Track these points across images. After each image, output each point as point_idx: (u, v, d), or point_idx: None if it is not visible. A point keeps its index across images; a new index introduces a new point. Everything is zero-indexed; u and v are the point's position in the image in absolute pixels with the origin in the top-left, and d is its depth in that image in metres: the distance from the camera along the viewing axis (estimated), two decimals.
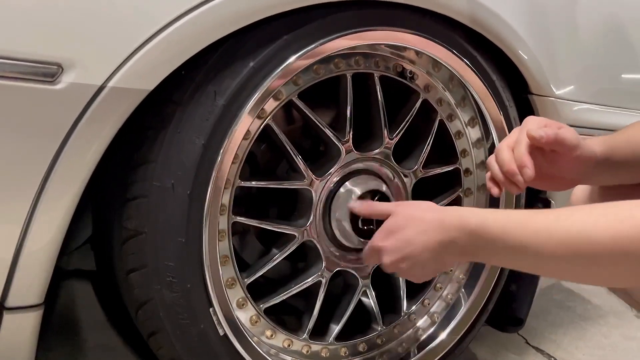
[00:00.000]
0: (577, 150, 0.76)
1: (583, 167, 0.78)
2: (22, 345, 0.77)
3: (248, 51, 0.82)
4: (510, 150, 0.76)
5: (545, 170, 0.79)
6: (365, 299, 1.10)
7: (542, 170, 0.78)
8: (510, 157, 0.75)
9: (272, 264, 0.96)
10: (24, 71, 0.64)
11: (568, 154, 0.77)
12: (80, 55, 0.67)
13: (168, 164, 0.80)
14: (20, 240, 0.71)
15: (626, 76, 1.32)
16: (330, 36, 0.87)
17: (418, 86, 1.05)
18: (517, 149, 0.75)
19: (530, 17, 1.07)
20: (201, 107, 0.81)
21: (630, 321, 1.65)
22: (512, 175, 0.74)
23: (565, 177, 0.81)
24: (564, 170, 0.79)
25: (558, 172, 0.80)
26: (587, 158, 0.77)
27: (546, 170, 0.79)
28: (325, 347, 1.04)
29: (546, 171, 0.79)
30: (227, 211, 0.89)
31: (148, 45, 0.71)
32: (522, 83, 1.10)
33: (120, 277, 0.87)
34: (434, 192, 1.14)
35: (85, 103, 0.69)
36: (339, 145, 0.97)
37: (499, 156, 0.77)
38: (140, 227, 0.82)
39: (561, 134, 0.75)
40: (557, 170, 0.79)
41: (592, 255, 0.61)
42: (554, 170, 0.79)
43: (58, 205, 0.72)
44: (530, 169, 0.73)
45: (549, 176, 0.80)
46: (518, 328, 1.26)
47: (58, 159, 0.70)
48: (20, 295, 0.73)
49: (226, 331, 0.89)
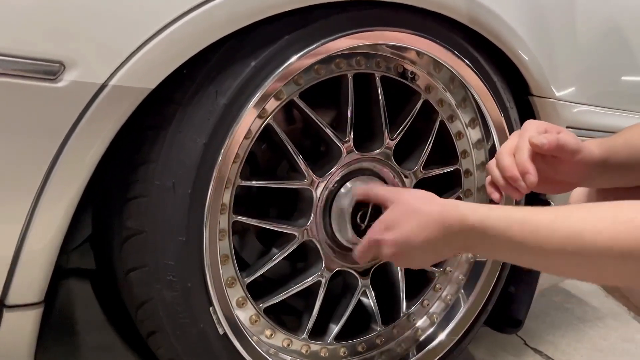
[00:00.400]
0: (578, 154, 0.76)
1: (583, 170, 0.78)
2: (21, 343, 0.77)
3: (249, 51, 0.82)
4: (511, 155, 0.76)
5: (546, 175, 0.79)
6: (364, 299, 1.10)
7: (542, 175, 0.78)
8: (512, 163, 0.75)
9: (272, 263, 0.96)
10: (26, 69, 0.64)
11: (569, 158, 0.77)
12: (82, 54, 0.67)
13: (169, 164, 0.80)
14: (21, 238, 0.71)
15: (626, 78, 1.32)
16: (332, 36, 0.87)
17: (419, 87, 1.05)
18: (519, 155, 0.75)
19: (531, 18, 1.07)
20: (202, 107, 0.81)
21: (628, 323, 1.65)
22: (515, 181, 0.74)
23: (565, 180, 0.81)
24: (565, 174, 0.80)
25: (559, 176, 0.80)
26: (587, 161, 0.78)
27: (547, 175, 0.79)
28: (325, 347, 1.04)
29: (547, 175, 0.79)
30: (227, 210, 0.89)
31: (150, 44, 0.71)
32: (522, 84, 1.11)
33: (120, 276, 0.87)
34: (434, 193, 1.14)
35: (87, 101, 0.69)
36: (339, 145, 0.97)
37: (500, 162, 0.77)
38: (140, 226, 0.82)
39: (562, 139, 0.75)
40: (558, 174, 0.80)
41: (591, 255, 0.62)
42: (555, 174, 0.80)
43: (59, 203, 0.72)
44: (534, 176, 0.73)
45: (549, 180, 0.80)
46: (516, 329, 1.26)
47: (59, 157, 0.70)
48: (20, 294, 0.73)
49: (226, 330, 0.89)
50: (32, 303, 0.75)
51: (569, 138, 0.76)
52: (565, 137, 0.76)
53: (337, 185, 0.98)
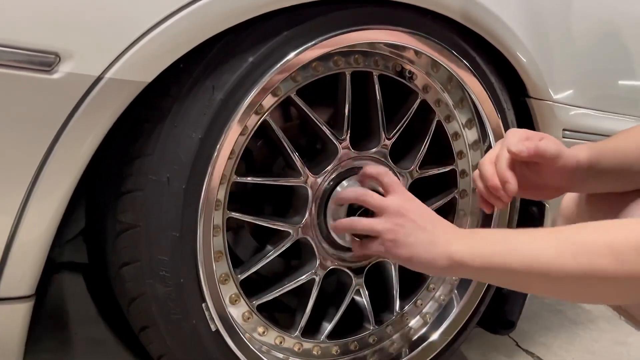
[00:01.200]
0: (559, 160, 0.77)
1: (567, 175, 0.79)
2: (11, 336, 0.76)
3: (247, 46, 0.82)
4: (492, 164, 0.77)
5: (531, 181, 0.80)
6: (358, 297, 1.10)
7: (527, 181, 0.79)
8: (492, 172, 0.76)
9: (266, 260, 0.96)
10: (21, 59, 0.64)
11: (550, 164, 0.77)
12: (79, 46, 0.67)
13: (164, 158, 0.80)
14: (13, 231, 0.70)
15: (623, 82, 1.33)
16: (330, 33, 0.87)
17: (417, 86, 1.05)
18: (499, 164, 0.76)
19: (530, 20, 1.07)
20: (199, 102, 0.80)
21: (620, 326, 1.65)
22: (496, 190, 0.75)
23: (551, 185, 0.82)
24: (549, 179, 0.80)
25: (543, 181, 0.80)
26: (570, 166, 0.78)
27: (532, 181, 0.80)
28: (317, 345, 1.04)
29: (532, 181, 0.80)
30: (222, 207, 0.89)
31: (147, 37, 0.71)
32: (520, 86, 1.11)
33: (113, 270, 0.87)
34: (429, 193, 1.14)
35: (82, 94, 0.68)
36: (336, 143, 0.96)
37: (481, 171, 0.78)
38: (134, 221, 0.81)
39: (541, 146, 0.75)
40: (542, 179, 0.80)
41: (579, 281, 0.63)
42: (539, 180, 0.80)
43: (52, 196, 0.71)
44: (513, 184, 0.74)
45: (535, 186, 0.81)
46: (509, 330, 1.27)
47: (53, 149, 0.69)
48: (11, 287, 0.73)
49: (218, 327, 0.88)
50: (23, 296, 0.74)
51: (550, 144, 0.76)
52: (545, 144, 0.76)
53: (333, 184, 0.98)
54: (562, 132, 1.15)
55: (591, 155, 0.79)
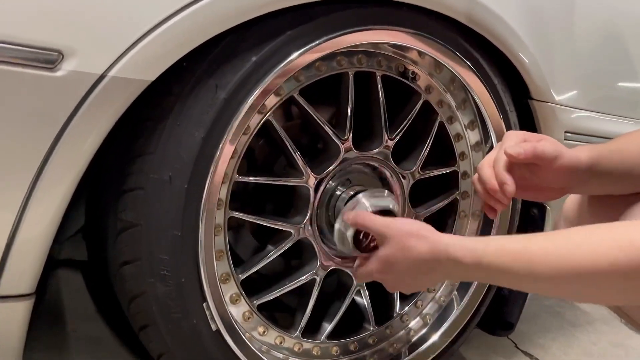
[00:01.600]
0: (557, 160, 0.76)
1: (567, 176, 0.78)
2: (11, 334, 0.76)
3: (250, 45, 0.81)
4: (491, 167, 0.77)
5: (530, 182, 0.80)
6: (358, 298, 1.09)
7: (527, 182, 0.79)
8: (491, 175, 0.76)
9: (267, 260, 0.96)
10: (24, 57, 0.64)
11: (549, 165, 0.77)
12: (82, 43, 0.67)
13: (166, 157, 0.80)
14: (14, 228, 0.70)
15: (625, 85, 1.32)
16: (334, 33, 0.87)
17: (419, 87, 1.04)
18: (497, 166, 0.76)
19: (533, 21, 1.07)
20: (201, 101, 0.80)
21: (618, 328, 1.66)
22: (494, 192, 0.75)
23: (551, 187, 0.81)
24: (548, 180, 0.80)
25: (543, 182, 0.80)
26: (570, 167, 0.78)
27: (531, 182, 0.80)
28: (317, 345, 1.04)
29: (531, 183, 0.80)
30: (223, 206, 0.89)
31: (150, 35, 0.70)
32: (523, 88, 1.10)
33: (113, 268, 0.87)
34: (431, 194, 1.14)
35: (85, 92, 0.68)
36: (338, 143, 0.96)
37: (480, 174, 0.78)
38: (135, 219, 0.81)
39: (539, 147, 0.75)
40: (541, 181, 0.80)
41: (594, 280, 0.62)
42: (539, 181, 0.80)
43: (53, 193, 0.71)
44: (511, 186, 0.74)
45: (535, 187, 0.81)
46: (508, 332, 1.27)
47: (55, 147, 0.69)
48: (11, 284, 0.73)
49: (219, 326, 0.88)
50: (24, 294, 0.74)
51: (548, 145, 0.76)
52: (542, 145, 0.76)
53: (335, 184, 0.98)
54: (563, 134, 1.15)
55: (592, 156, 0.79)
